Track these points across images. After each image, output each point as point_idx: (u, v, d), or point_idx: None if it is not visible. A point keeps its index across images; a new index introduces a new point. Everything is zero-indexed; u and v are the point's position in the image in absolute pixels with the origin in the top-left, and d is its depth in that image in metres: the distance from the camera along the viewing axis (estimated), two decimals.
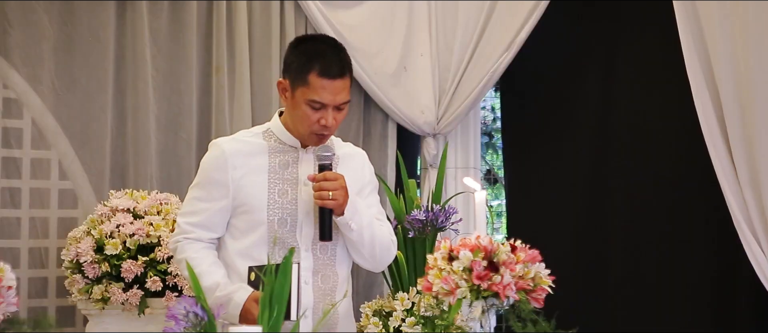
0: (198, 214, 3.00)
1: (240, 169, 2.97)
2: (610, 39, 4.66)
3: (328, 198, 2.88)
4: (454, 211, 4.11)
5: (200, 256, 2.96)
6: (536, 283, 2.37)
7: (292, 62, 2.97)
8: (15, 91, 4.18)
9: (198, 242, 2.99)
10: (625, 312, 4.49)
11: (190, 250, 2.98)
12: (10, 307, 2.35)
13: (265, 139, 3.03)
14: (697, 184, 4.31)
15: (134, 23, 4.36)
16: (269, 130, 3.05)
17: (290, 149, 3.02)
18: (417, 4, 4.83)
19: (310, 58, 2.92)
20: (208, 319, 2.21)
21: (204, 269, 2.91)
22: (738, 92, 3.94)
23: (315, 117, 2.92)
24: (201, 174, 3.04)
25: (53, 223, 4.23)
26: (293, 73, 2.95)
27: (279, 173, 2.99)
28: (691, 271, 4.37)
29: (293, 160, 3.01)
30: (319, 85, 2.90)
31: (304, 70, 2.91)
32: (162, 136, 4.39)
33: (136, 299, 3.87)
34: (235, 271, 2.95)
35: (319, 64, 2.90)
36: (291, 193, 2.98)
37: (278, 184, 2.98)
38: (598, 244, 4.62)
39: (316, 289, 2.98)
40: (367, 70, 4.70)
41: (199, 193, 3.02)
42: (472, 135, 4.99)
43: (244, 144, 3.02)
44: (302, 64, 2.93)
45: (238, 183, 2.96)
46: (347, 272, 3.08)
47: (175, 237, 3.04)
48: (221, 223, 3.00)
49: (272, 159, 3.00)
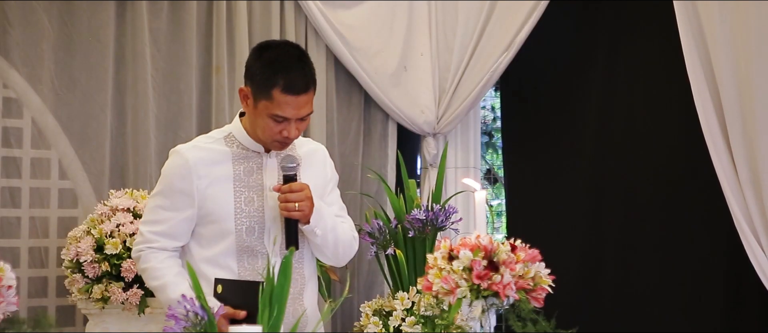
0: (162, 223, 2.96)
1: (204, 178, 2.93)
2: (610, 39, 4.66)
3: (294, 210, 2.87)
4: (454, 211, 4.11)
5: (164, 265, 2.93)
6: (536, 283, 2.37)
7: (255, 73, 2.90)
8: (15, 90, 4.18)
9: (162, 251, 2.96)
10: (626, 312, 4.49)
11: (154, 260, 2.95)
12: (10, 307, 2.36)
13: (227, 145, 2.98)
14: (697, 183, 4.31)
15: (134, 23, 4.36)
16: (231, 134, 3.00)
17: (254, 155, 2.98)
18: (417, 4, 4.83)
19: (274, 72, 2.86)
20: (209, 319, 2.21)
21: (170, 280, 2.89)
22: (738, 92, 3.94)
23: (277, 128, 2.88)
24: (164, 181, 3.00)
25: (53, 222, 4.23)
26: (257, 84, 2.88)
27: (244, 181, 2.96)
28: (691, 270, 4.37)
29: (257, 166, 2.98)
30: (284, 101, 2.84)
31: (268, 84, 2.85)
32: (162, 136, 4.39)
33: (136, 299, 3.87)
34: (204, 278, 2.85)
35: (284, 80, 2.84)
36: (257, 201, 2.95)
37: (244, 191, 2.95)
38: (598, 243, 4.62)
39: None
40: (367, 70, 4.70)
41: (163, 202, 2.97)
42: (472, 135, 4.99)
43: (207, 152, 2.97)
44: (266, 78, 2.86)
45: (203, 193, 2.92)
46: (311, 271, 3.07)
47: (138, 246, 3.00)
48: (186, 232, 2.97)
49: (236, 166, 2.96)
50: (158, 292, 2.96)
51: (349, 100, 4.76)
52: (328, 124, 4.66)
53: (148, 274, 2.95)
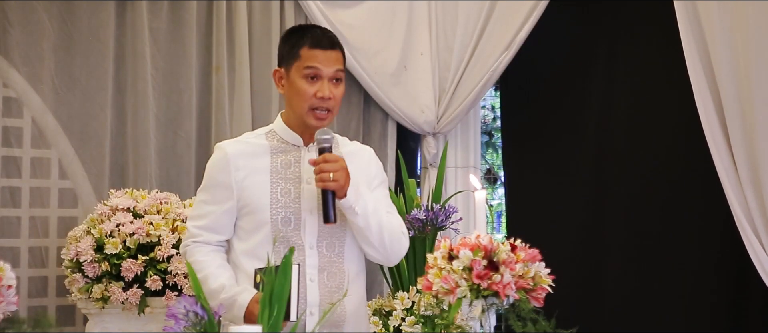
0: (205, 217, 3.02)
1: (242, 170, 2.99)
2: (611, 38, 4.66)
3: (328, 179, 2.88)
4: (454, 210, 4.11)
5: (207, 259, 2.98)
6: (536, 283, 2.37)
7: (282, 50, 3.05)
8: (15, 90, 4.18)
9: (206, 245, 3.01)
10: (626, 311, 4.49)
11: (198, 254, 3.00)
12: (10, 306, 2.36)
13: (267, 139, 3.05)
14: (697, 182, 4.31)
15: (134, 23, 4.36)
16: (272, 130, 3.07)
17: (293, 148, 3.03)
18: (417, 3, 4.83)
19: (300, 37, 3.01)
20: (208, 319, 2.21)
21: (210, 272, 2.94)
22: (739, 91, 3.94)
23: (312, 90, 2.95)
24: (206, 177, 3.07)
25: (53, 222, 4.23)
26: (286, 54, 3.01)
27: (281, 173, 3.00)
28: (692, 270, 4.37)
29: (295, 159, 3.02)
30: (312, 55, 2.96)
31: (296, 47, 2.98)
32: (161, 136, 4.39)
33: (136, 298, 3.87)
34: (243, 272, 2.96)
35: (310, 38, 2.99)
36: (294, 192, 2.99)
37: (281, 183, 2.99)
38: (598, 242, 4.62)
39: (322, 287, 2.97)
40: (367, 70, 4.70)
41: (205, 197, 3.04)
42: (472, 134, 4.99)
43: (246, 145, 3.04)
44: (293, 44, 3.00)
45: (241, 184, 2.98)
46: (357, 269, 3.07)
47: (185, 241, 3.06)
48: (228, 225, 3.02)
49: (274, 159, 3.02)
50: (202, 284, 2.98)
51: (349, 100, 4.76)
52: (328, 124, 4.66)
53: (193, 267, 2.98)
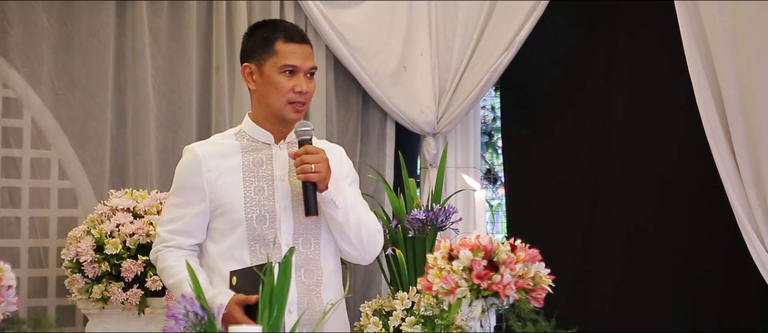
0: (176, 221, 3.00)
1: (214, 170, 2.98)
2: (611, 39, 4.65)
3: (310, 171, 2.88)
4: (454, 211, 4.11)
5: (179, 263, 2.94)
6: (536, 283, 2.37)
7: (251, 45, 3.02)
8: (15, 90, 4.18)
9: (178, 250, 2.99)
10: (626, 311, 4.49)
11: (170, 259, 2.98)
12: (10, 307, 2.35)
13: (237, 139, 3.05)
14: (698, 182, 4.31)
15: (134, 23, 4.36)
16: (241, 130, 3.07)
17: (263, 146, 3.03)
18: (417, 3, 4.82)
19: (272, 31, 2.99)
20: (208, 319, 2.21)
21: (184, 277, 2.89)
22: (740, 92, 3.94)
23: (289, 85, 2.96)
24: (176, 180, 3.04)
25: (53, 222, 4.23)
26: (257, 51, 3.00)
27: (253, 171, 2.99)
28: (692, 270, 4.37)
29: (267, 157, 3.02)
30: (289, 50, 2.96)
31: (269, 42, 2.97)
32: (162, 136, 4.39)
33: (136, 299, 3.86)
34: (219, 275, 2.94)
35: (283, 33, 2.98)
36: (267, 190, 2.98)
37: (253, 181, 2.99)
38: (598, 243, 4.61)
39: (299, 284, 2.96)
40: (366, 70, 4.69)
41: (176, 200, 3.02)
42: (471, 134, 4.99)
43: (216, 146, 3.04)
44: (265, 39, 2.99)
45: (213, 184, 2.97)
46: (334, 267, 3.07)
47: (155, 246, 3.03)
48: (201, 228, 3.00)
49: (246, 157, 3.01)
50: (174, 290, 2.98)
51: (348, 100, 4.76)
52: (328, 124, 4.66)
53: (164, 273, 2.98)
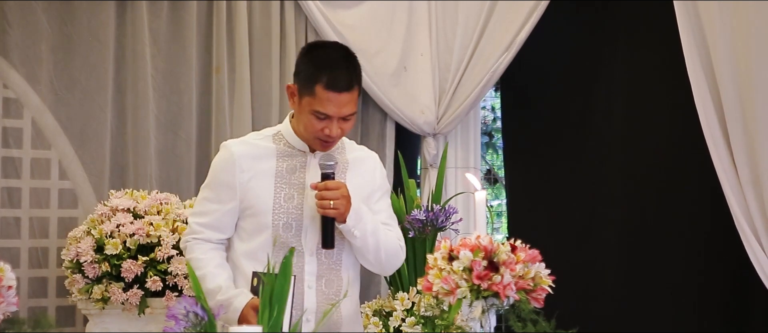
0: (207, 215, 3.02)
1: (247, 172, 2.98)
2: (611, 39, 4.65)
3: (329, 207, 2.88)
4: (454, 211, 4.11)
5: (207, 257, 2.98)
6: (536, 283, 2.37)
7: (301, 69, 2.97)
8: (14, 90, 4.18)
9: (207, 243, 3.02)
10: (626, 312, 4.49)
11: (198, 251, 3.00)
12: (10, 307, 2.35)
13: (274, 142, 3.04)
14: (697, 183, 4.31)
15: (134, 23, 4.36)
16: (279, 133, 3.05)
17: (299, 153, 3.02)
18: (417, 4, 4.82)
19: (318, 68, 2.91)
20: (209, 319, 2.21)
21: (209, 271, 2.94)
22: (739, 92, 3.94)
23: (319, 126, 2.92)
24: (211, 175, 3.07)
25: (53, 222, 4.23)
26: (302, 80, 2.94)
27: (286, 178, 2.99)
28: (691, 271, 4.37)
29: (301, 164, 3.01)
30: (325, 98, 2.89)
31: (312, 80, 2.90)
32: (161, 136, 4.39)
33: (136, 299, 3.86)
34: (241, 273, 2.97)
35: (327, 77, 2.89)
36: (297, 198, 2.98)
37: (284, 188, 2.99)
38: (598, 243, 4.62)
39: (319, 294, 2.98)
40: (366, 70, 4.67)
41: (209, 194, 3.04)
42: (472, 135, 4.99)
43: (253, 147, 3.03)
44: (310, 74, 2.91)
45: (245, 186, 2.98)
46: (353, 276, 3.08)
47: (186, 236, 3.07)
48: (230, 225, 3.02)
49: (280, 163, 3.00)
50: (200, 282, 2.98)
51: None
52: None
53: (192, 264, 3.00)
